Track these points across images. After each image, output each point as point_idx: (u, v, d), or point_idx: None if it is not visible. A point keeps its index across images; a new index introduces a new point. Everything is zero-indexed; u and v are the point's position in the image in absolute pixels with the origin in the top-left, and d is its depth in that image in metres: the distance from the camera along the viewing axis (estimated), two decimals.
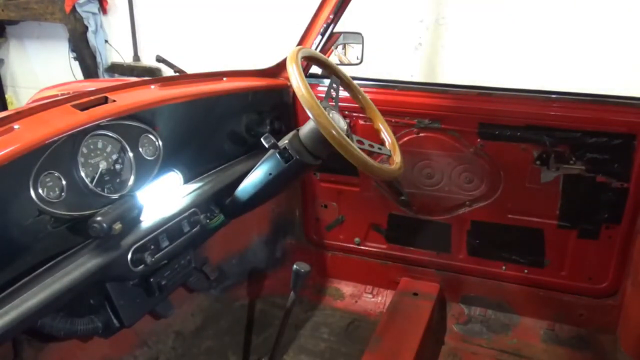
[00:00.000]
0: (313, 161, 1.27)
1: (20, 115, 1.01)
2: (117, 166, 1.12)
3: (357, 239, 1.93)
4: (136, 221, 1.13)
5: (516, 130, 1.56)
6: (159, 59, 1.96)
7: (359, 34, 1.76)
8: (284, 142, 1.26)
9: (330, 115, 1.18)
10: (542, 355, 1.70)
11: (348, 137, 1.15)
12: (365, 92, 1.47)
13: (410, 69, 2.94)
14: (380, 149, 1.34)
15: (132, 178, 1.14)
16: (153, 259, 1.12)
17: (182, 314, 1.59)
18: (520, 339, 1.75)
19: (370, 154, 1.24)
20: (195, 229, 1.26)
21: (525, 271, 1.74)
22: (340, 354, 1.76)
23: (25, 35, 4.16)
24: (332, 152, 1.17)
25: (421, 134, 1.67)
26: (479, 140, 1.62)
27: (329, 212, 1.93)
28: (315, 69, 1.64)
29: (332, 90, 1.35)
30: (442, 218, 1.78)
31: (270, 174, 1.29)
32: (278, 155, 1.24)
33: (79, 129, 1.02)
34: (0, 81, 4.36)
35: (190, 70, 1.76)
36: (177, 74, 1.86)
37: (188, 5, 3.48)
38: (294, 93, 1.69)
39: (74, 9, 3.58)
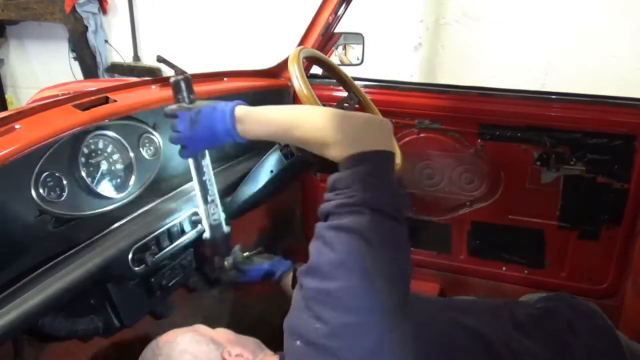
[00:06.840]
0: (314, 159, 1.27)
1: (21, 115, 1.01)
2: (118, 166, 1.12)
3: None
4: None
5: (516, 131, 1.56)
6: (160, 59, 1.95)
7: (360, 34, 1.76)
8: None
9: None
10: None
11: None
12: (366, 92, 1.47)
13: (410, 69, 2.95)
14: None
15: (132, 178, 1.15)
16: (154, 259, 1.12)
17: (183, 314, 1.58)
18: None
19: None
20: (196, 229, 1.26)
21: (526, 272, 1.74)
22: None
23: (25, 35, 4.16)
24: None
25: (422, 135, 1.67)
26: (479, 140, 1.62)
27: None
28: (315, 70, 1.64)
29: (346, 104, 1.35)
30: (442, 219, 1.78)
31: (271, 171, 1.29)
32: (280, 152, 1.25)
33: (80, 129, 1.02)
34: (0, 81, 4.36)
35: (190, 70, 1.76)
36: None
37: (188, 5, 3.48)
38: (294, 93, 1.69)
39: (74, 9, 3.59)
